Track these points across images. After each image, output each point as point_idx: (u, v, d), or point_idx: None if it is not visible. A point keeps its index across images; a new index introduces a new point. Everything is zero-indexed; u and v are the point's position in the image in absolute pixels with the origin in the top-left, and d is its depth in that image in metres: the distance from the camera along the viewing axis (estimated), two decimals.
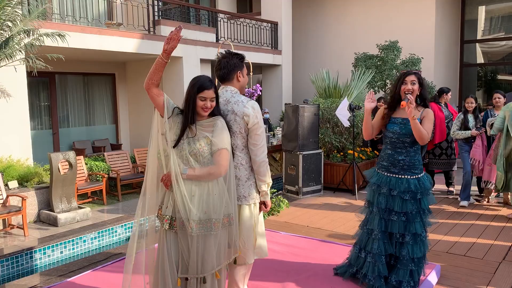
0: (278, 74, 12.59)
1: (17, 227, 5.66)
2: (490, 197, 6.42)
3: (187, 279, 2.60)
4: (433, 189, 6.37)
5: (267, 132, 9.22)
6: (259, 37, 12.06)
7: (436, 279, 3.78)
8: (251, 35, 11.80)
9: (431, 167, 6.78)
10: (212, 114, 2.66)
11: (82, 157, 7.26)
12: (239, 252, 2.87)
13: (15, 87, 6.61)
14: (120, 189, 7.32)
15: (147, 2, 9.16)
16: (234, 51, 3.03)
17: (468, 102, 6.24)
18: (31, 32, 5.93)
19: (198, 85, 2.57)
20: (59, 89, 10.03)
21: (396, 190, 3.36)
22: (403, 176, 3.39)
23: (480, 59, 12.56)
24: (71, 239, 5.21)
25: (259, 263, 3.74)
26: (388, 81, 9.91)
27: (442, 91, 6.91)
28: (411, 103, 3.20)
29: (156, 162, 2.70)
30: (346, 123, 6.97)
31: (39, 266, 4.87)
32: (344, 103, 6.85)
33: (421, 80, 3.41)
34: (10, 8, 5.75)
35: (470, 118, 6.18)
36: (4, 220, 5.65)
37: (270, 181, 2.94)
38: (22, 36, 5.90)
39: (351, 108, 6.85)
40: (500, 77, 12.41)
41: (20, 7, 6.03)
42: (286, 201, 6.26)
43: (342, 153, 7.89)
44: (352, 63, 10.48)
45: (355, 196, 6.88)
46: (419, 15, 11.35)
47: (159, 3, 9.80)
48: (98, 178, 7.20)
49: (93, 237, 5.45)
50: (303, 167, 6.96)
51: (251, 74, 7.36)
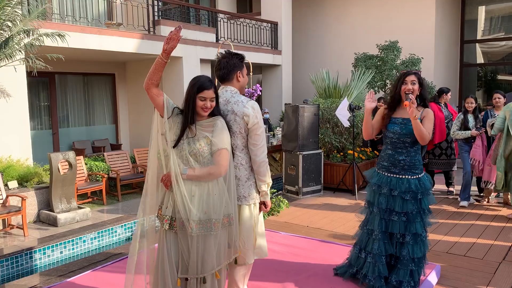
0: (278, 74, 12.59)
1: (16, 227, 5.66)
2: (490, 197, 6.42)
3: (187, 279, 2.60)
4: (433, 189, 6.37)
5: (267, 132, 9.21)
6: (259, 37, 12.05)
7: (436, 279, 3.78)
8: (251, 35, 11.80)
9: (431, 167, 6.78)
10: (212, 114, 2.66)
11: (82, 157, 7.26)
12: (239, 252, 2.87)
13: (15, 87, 6.60)
14: (120, 189, 7.32)
15: (147, 2, 9.16)
16: (234, 51, 3.03)
17: (468, 102, 6.24)
18: (31, 32, 5.93)
19: (198, 85, 2.57)
20: (59, 89, 10.03)
21: (397, 190, 3.36)
22: (404, 176, 3.39)
23: (480, 59, 12.56)
24: (71, 239, 5.21)
25: (259, 263, 3.74)
26: (388, 81, 9.91)
27: (442, 91, 6.91)
28: (413, 103, 3.20)
29: (156, 162, 2.70)
30: (346, 123, 6.97)
31: (38, 266, 4.87)
32: (344, 103, 6.85)
33: (421, 80, 3.41)
34: (10, 8, 5.75)
35: (470, 118, 6.19)
36: (3, 220, 5.65)
37: (270, 181, 2.94)
38: (22, 36, 5.90)
39: (351, 108, 6.85)
40: (500, 77, 12.41)
41: (20, 7, 6.03)
42: (286, 201, 6.26)
43: (342, 153, 7.89)
44: (352, 63, 10.48)
45: (355, 196, 6.88)
46: (419, 15, 11.35)
47: (159, 3, 9.79)
48: (98, 178, 7.20)
49: (93, 237, 5.45)
50: (303, 167, 6.96)
51: (251, 74, 7.36)
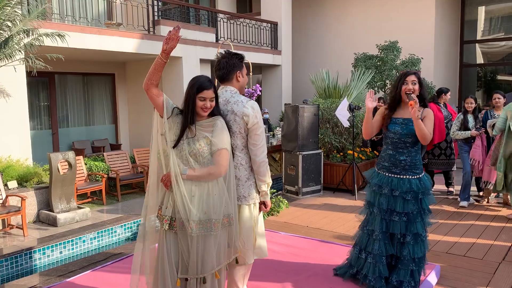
0: (278, 74, 12.58)
1: (16, 227, 5.65)
2: (489, 197, 6.42)
3: (187, 279, 2.60)
4: (432, 189, 6.37)
5: (267, 132, 9.21)
6: (259, 37, 12.05)
7: (436, 280, 3.78)
8: (251, 35, 11.80)
9: (431, 167, 6.78)
10: (212, 114, 2.66)
11: (81, 157, 7.26)
12: (239, 252, 2.87)
13: (15, 87, 6.60)
14: (119, 189, 7.32)
15: (146, 2, 9.16)
16: (233, 51, 3.03)
17: (468, 102, 6.24)
18: (30, 32, 5.93)
19: (197, 85, 2.57)
20: (59, 89, 10.02)
21: (398, 191, 3.36)
22: (405, 177, 3.39)
23: (479, 60, 12.56)
24: (70, 239, 5.21)
25: (259, 263, 3.74)
26: (387, 81, 9.91)
27: (441, 92, 6.92)
28: (416, 103, 3.20)
29: (157, 163, 2.70)
30: (346, 123, 6.97)
31: (38, 266, 4.86)
32: (344, 104, 6.85)
33: (420, 80, 3.42)
34: (9, 8, 5.75)
35: (470, 118, 6.19)
36: (3, 220, 5.64)
37: (270, 181, 2.94)
38: (21, 36, 5.90)
39: (351, 109, 6.85)
40: (499, 77, 12.41)
41: (20, 7, 6.03)
42: (286, 201, 6.26)
43: (341, 153, 7.89)
44: (352, 63, 10.48)
45: (355, 197, 6.88)
46: (419, 15, 11.34)
47: (159, 3, 9.79)
48: (97, 178, 7.19)
49: (92, 237, 5.45)
50: (302, 167, 6.96)
51: (251, 74, 7.37)
